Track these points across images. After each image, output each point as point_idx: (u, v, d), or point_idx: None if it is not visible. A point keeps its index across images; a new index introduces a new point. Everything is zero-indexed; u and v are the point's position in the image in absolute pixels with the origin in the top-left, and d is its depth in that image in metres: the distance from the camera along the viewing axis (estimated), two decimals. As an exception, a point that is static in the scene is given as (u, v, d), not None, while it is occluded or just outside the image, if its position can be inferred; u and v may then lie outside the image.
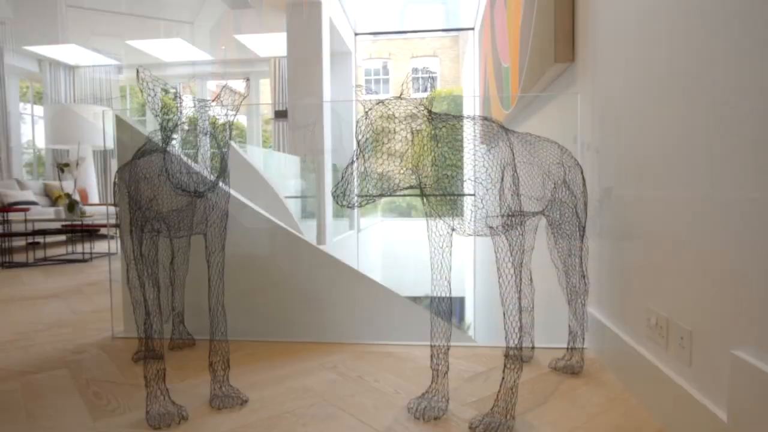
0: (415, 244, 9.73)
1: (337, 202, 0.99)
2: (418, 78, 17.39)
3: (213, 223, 1.27)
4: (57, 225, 4.41)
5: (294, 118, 5.10)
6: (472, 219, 1.12)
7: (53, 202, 5.68)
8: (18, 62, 7.05)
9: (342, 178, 1.04)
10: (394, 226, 10.34)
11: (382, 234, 9.15)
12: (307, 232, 5.16)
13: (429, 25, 7.00)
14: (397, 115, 1.05)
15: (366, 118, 1.05)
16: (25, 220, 4.20)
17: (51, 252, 4.76)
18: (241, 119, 9.45)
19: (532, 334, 1.66)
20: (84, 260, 4.17)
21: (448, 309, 1.31)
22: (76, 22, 5.77)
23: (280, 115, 5.14)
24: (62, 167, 4.02)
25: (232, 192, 2.00)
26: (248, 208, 1.94)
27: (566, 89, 2.01)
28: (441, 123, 1.10)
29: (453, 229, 1.22)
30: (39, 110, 7.93)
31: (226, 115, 1.16)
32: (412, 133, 1.06)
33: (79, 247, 4.92)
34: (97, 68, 7.69)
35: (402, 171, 1.07)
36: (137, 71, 1.12)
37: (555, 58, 1.93)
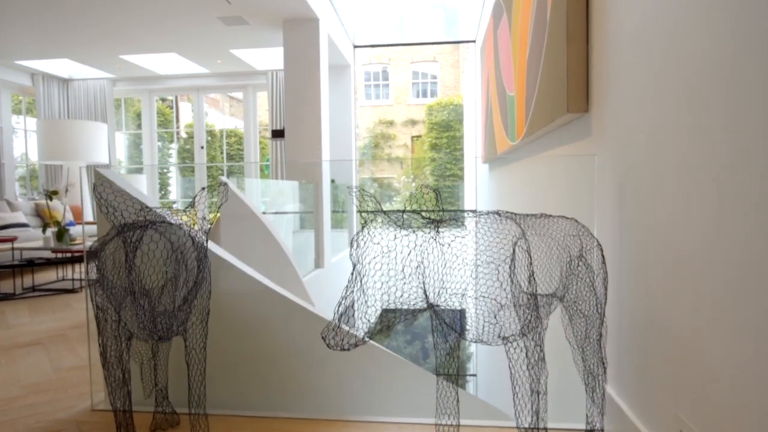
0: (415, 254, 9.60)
1: (327, 344, 0.85)
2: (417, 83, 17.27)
3: (193, 324, 1.14)
4: (46, 253, 4.27)
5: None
6: (484, 334, 0.98)
7: (45, 222, 5.53)
8: (10, 76, 6.91)
9: (337, 312, 0.89)
10: (393, 236, 10.21)
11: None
12: (306, 248, 5.03)
13: (429, 37, 6.87)
14: (398, 232, 0.91)
15: (365, 234, 0.91)
16: (12, 249, 4.06)
17: (40, 277, 4.62)
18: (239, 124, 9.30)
19: (545, 418, 1.52)
20: (73, 290, 4.03)
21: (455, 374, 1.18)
22: (68, 37, 5.63)
23: (277, 134, 5.00)
24: (51, 195, 3.88)
25: (217, 249, 1.86)
26: (235, 269, 1.80)
27: (579, 139, 1.87)
28: (447, 232, 0.96)
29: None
30: (32, 122, 7.78)
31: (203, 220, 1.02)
32: (417, 249, 0.92)
33: (69, 271, 4.78)
34: (91, 81, 7.55)
35: (407, 290, 0.94)
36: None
37: (567, 107, 1.79)
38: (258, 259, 2.82)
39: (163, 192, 10.65)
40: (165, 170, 10.29)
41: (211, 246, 1.84)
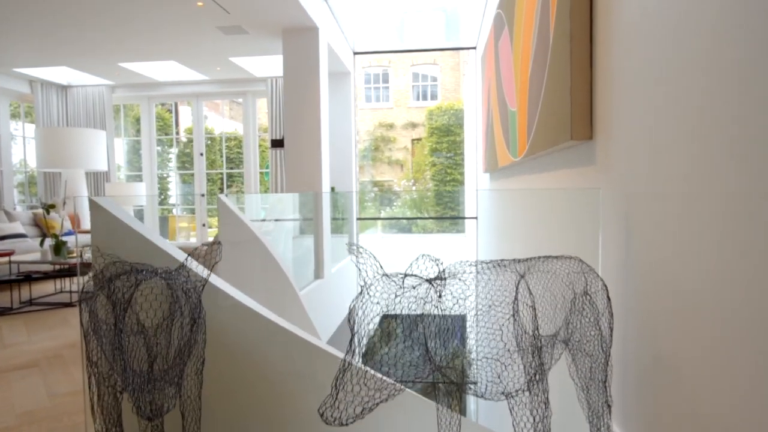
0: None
1: (325, 420, 0.82)
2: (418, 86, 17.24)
3: (187, 375, 1.11)
4: (45, 266, 4.24)
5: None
6: (487, 393, 0.95)
7: (44, 232, 5.50)
8: (8, 84, 6.88)
9: (334, 387, 0.86)
10: (394, 241, 10.19)
11: (383, 251, 8.98)
12: (306, 258, 5.00)
13: (430, 43, 6.84)
14: (402, 298, 0.88)
15: (366, 297, 0.88)
16: (10, 262, 4.03)
17: (38, 288, 4.59)
18: (239, 127, 9.27)
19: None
20: (71, 304, 4.00)
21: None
22: (67, 45, 5.60)
23: (277, 144, 4.97)
24: (48, 208, 3.85)
25: (213, 280, 1.83)
26: (231, 299, 1.77)
27: (584, 164, 1.84)
28: (449, 293, 0.92)
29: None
30: (30, 128, 7.75)
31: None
32: (422, 317, 0.89)
33: (67, 283, 4.75)
34: (90, 88, 7.52)
35: (411, 361, 0.90)
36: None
37: (571, 135, 1.76)
38: (255, 280, 2.79)
39: (162, 196, 10.63)
40: (165, 175, 10.26)
41: (212, 277, 1.81)
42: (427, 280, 0.90)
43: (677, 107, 1.04)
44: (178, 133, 10.42)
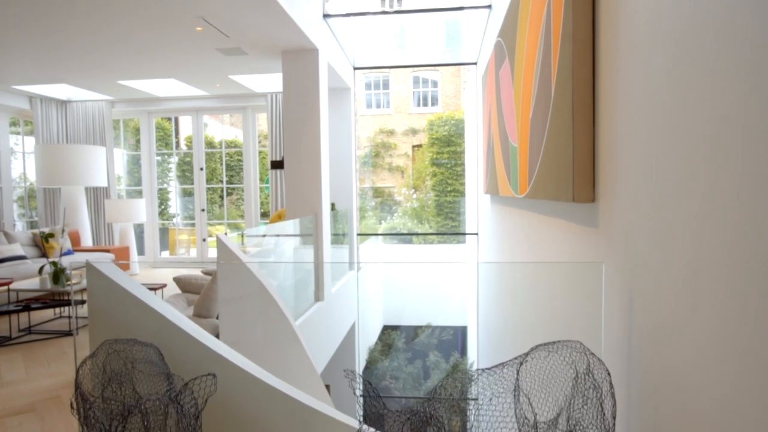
0: (416, 271, 9.56)
1: None
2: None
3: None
4: (44, 294, 4.22)
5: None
6: None
7: (42, 252, 5.48)
8: (7, 101, 6.86)
9: None
10: (394, 251, 10.17)
11: (383, 266, 8.96)
12: (305, 283, 4.97)
13: (430, 59, 6.82)
14: None
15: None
16: (9, 291, 4.01)
17: (37, 314, 4.57)
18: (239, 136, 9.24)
19: None
20: (69, 333, 3.98)
21: None
22: (67, 64, 5.58)
23: (277, 165, 4.95)
24: (47, 237, 3.83)
25: (215, 346, 1.80)
26: (232, 365, 1.75)
27: (586, 223, 1.81)
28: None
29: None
30: (30, 140, 7.73)
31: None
32: None
33: (66, 309, 4.73)
34: (90, 103, 7.50)
35: None
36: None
37: (573, 197, 1.73)
38: (255, 320, 2.77)
39: (162, 207, 10.62)
40: (165, 184, 10.24)
41: (212, 341, 1.79)
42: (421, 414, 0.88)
43: (682, 173, 1.00)
44: (178, 144, 10.40)
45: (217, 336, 2.51)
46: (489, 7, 4.94)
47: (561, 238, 2.15)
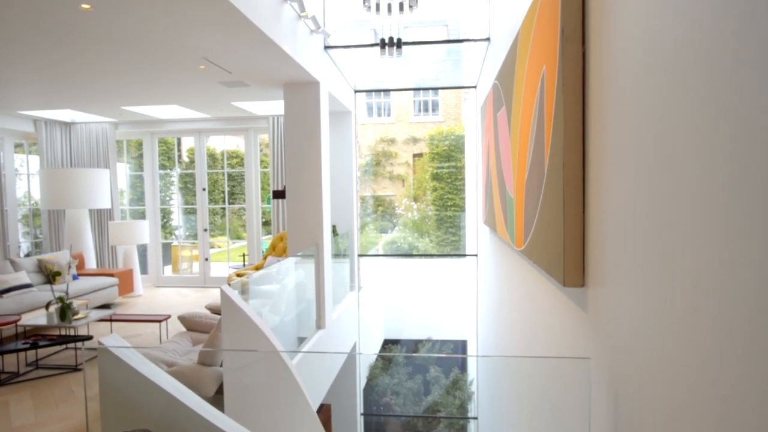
0: (417, 285, 9.63)
1: None
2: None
3: None
4: (51, 330, 4.30)
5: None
6: None
7: (49, 278, 5.56)
8: (12, 125, 6.95)
9: None
10: (395, 264, 10.23)
11: (383, 278, 9.04)
12: (308, 307, 5.05)
13: (430, 82, 6.89)
14: None
15: None
16: (16, 326, 4.10)
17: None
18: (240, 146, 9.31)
19: None
20: (76, 368, 4.06)
21: None
22: (71, 91, 5.66)
23: (278, 195, 5.03)
24: (54, 275, 3.91)
25: (218, 422, 1.88)
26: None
27: (575, 302, 1.88)
28: None
29: None
30: (34, 159, 7.81)
31: None
32: None
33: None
34: (93, 125, 7.59)
35: None
36: None
37: (564, 281, 1.80)
38: (258, 374, 2.84)
39: (165, 220, 10.70)
40: (168, 198, 10.31)
41: (218, 418, 1.87)
42: None
43: (668, 269, 0.98)
44: (180, 156, 10.47)
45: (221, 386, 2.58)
46: (488, 39, 5.01)
47: (553, 307, 2.21)
